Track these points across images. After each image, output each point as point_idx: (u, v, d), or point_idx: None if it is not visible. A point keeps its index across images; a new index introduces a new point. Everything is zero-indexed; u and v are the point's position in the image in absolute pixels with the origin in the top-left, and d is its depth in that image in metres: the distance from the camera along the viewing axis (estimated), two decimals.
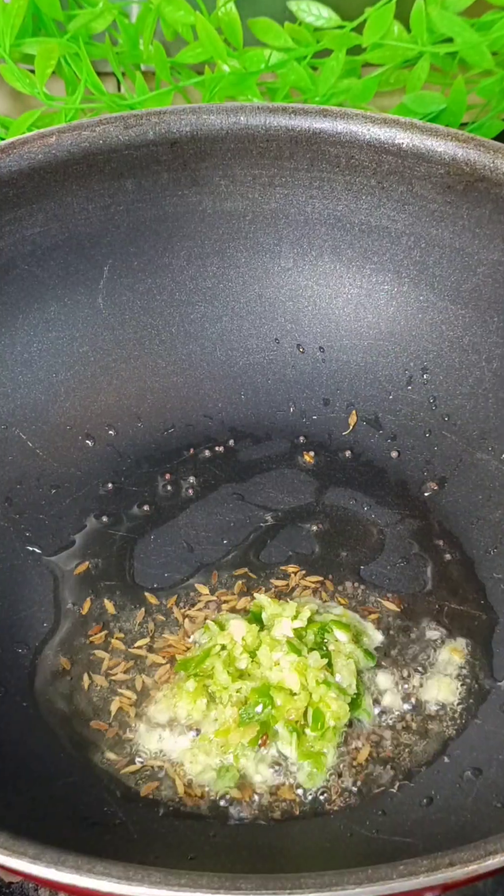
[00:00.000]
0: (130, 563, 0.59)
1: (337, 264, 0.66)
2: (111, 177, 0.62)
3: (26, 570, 0.58)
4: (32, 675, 0.54)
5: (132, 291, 0.65)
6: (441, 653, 0.55)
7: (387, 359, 0.66)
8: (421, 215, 0.63)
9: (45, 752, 0.50)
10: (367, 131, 0.61)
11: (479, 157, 0.59)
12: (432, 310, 0.64)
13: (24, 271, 0.61)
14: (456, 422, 0.63)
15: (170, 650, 0.55)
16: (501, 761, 0.50)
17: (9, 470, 0.60)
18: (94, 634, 0.56)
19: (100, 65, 0.76)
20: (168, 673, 0.54)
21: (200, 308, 0.67)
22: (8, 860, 0.35)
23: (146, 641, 0.55)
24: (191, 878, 0.35)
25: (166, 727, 0.52)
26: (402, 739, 0.52)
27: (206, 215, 0.65)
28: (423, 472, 0.63)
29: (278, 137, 0.62)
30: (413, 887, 0.35)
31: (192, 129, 0.62)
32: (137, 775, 0.50)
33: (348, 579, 0.58)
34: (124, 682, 0.54)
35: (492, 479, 0.61)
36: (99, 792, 0.49)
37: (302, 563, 0.59)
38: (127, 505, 0.62)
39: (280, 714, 0.50)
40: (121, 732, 0.52)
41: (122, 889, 0.34)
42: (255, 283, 0.67)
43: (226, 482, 0.63)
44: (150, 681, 0.53)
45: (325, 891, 0.34)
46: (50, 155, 0.59)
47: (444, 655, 0.55)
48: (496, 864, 0.35)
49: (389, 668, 0.54)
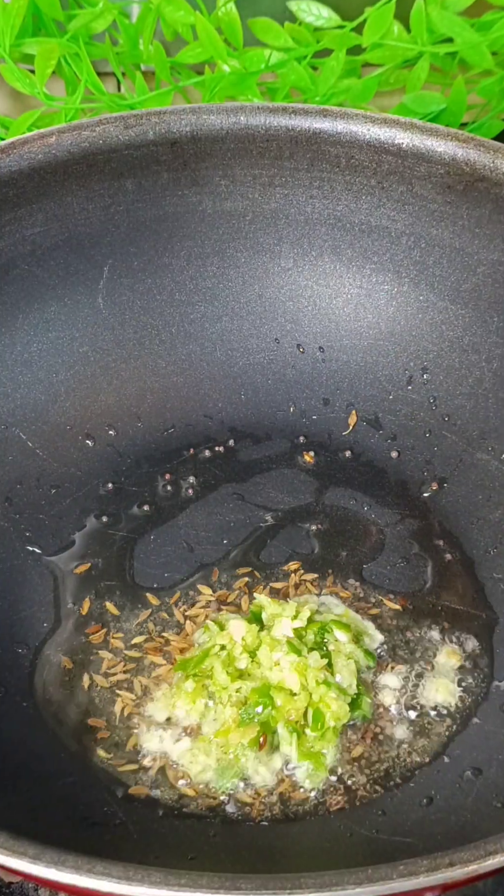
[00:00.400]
0: (130, 563, 0.59)
1: (337, 264, 0.66)
2: (111, 177, 0.62)
3: (26, 570, 0.58)
4: (32, 675, 0.54)
5: (132, 291, 0.65)
6: (441, 653, 0.55)
7: (387, 359, 0.66)
8: (421, 215, 0.63)
9: (45, 752, 0.50)
10: (367, 131, 0.61)
11: (479, 157, 0.59)
12: (432, 310, 0.64)
13: (24, 271, 0.61)
14: (456, 422, 0.63)
15: (170, 650, 0.55)
16: (501, 761, 0.50)
17: (9, 470, 0.60)
18: (94, 634, 0.56)
19: (100, 65, 0.76)
20: (168, 673, 0.54)
21: (200, 308, 0.67)
22: (8, 860, 0.35)
23: (146, 641, 0.55)
24: (191, 878, 0.35)
25: (166, 727, 0.52)
26: (402, 739, 0.52)
27: (206, 215, 0.65)
28: (423, 472, 0.63)
29: (278, 137, 0.62)
30: (413, 887, 0.35)
31: (192, 129, 0.62)
32: (137, 775, 0.50)
33: (348, 579, 0.58)
34: (124, 682, 0.54)
35: (492, 479, 0.61)
36: (99, 792, 0.49)
37: (302, 563, 0.59)
38: (127, 505, 0.62)
39: (280, 714, 0.50)
40: (121, 732, 0.52)
41: (122, 889, 0.34)
42: (255, 283, 0.67)
43: (226, 482, 0.63)
44: (149, 681, 0.53)
45: (325, 891, 0.34)
46: (50, 155, 0.59)
47: (444, 655, 0.55)
48: (496, 864, 0.35)
49: (389, 667, 0.54)
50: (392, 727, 0.52)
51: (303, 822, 0.48)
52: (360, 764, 0.50)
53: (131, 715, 0.52)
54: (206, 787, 0.49)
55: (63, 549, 0.59)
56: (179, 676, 0.53)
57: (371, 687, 0.53)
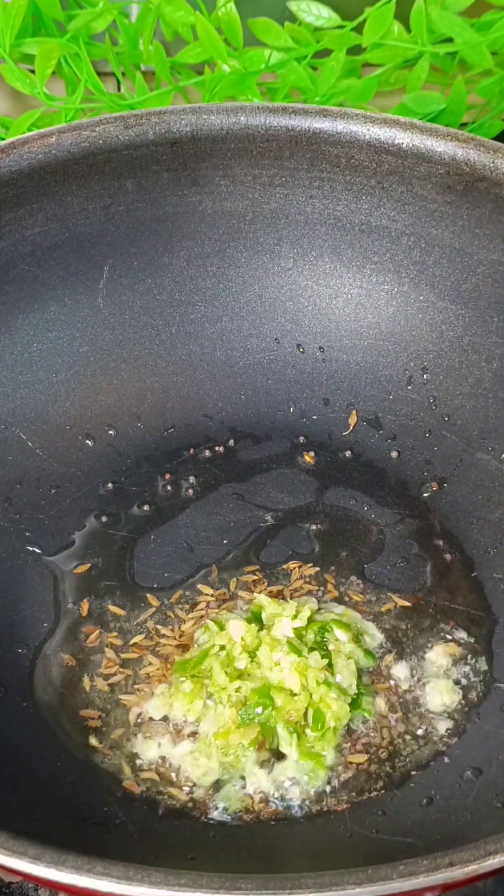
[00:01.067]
0: (130, 563, 0.59)
1: (337, 264, 0.66)
2: (111, 177, 0.62)
3: (26, 570, 0.58)
4: (32, 675, 0.54)
5: (132, 291, 0.65)
6: (441, 653, 0.55)
7: (387, 359, 0.66)
8: (421, 215, 0.63)
9: (45, 753, 0.50)
10: (367, 131, 0.61)
11: (479, 157, 0.59)
12: (432, 310, 0.64)
13: (24, 271, 0.61)
14: (456, 422, 0.63)
15: (169, 650, 0.55)
16: (501, 761, 0.50)
17: (9, 470, 0.60)
18: (94, 634, 0.56)
19: (100, 65, 0.76)
20: (167, 673, 0.54)
21: (200, 308, 0.67)
22: (8, 860, 0.35)
23: (145, 640, 0.55)
24: (191, 878, 0.35)
25: (166, 730, 0.52)
26: (402, 739, 0.52)
27: (206, 215, 0.65)
28: (423, 472, 0.63)
29: (278, 137, 0.62)
30: (413, 887, 0.35)
31: (192, 129, 0.62)
32: (137, 775, 0.50)
33: (350, 577, 0.58)
34: (124, 683, 0.54)
35: (492, 479, 0.61)
36: (99, 792, 0.49)
37: (302, 562, 0.59)
38: (127, 505, 0.62)
39: (280, 715, 0.50)
40: (121, 733, 0.52)
41: (122, 889, 0.34)
42: (255, 283, 0.67)
43: (226, 482, 0.63)
44: (149, 681, 0.53)
45: (325, 891, 0.34)
46: (50, 155, 0.59)
47: (444, 655, 0.55)
48: (496, 864, 0.35)
49: (389, 668, 0.54)
50: (392, 727, 0.52)
51: (303, 823, 0.48)
52: (359, 764, 0.50)
53: (131, 715, 0.52)
54: (207, 790, 0.49)
55: (63, 549, 0.59)
56: (177, 677, 0.53)
57: (371, 687, 0.53)
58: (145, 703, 0.52)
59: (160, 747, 0.51)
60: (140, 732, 0.52)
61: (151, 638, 0.56)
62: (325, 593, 0.58)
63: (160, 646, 0.55)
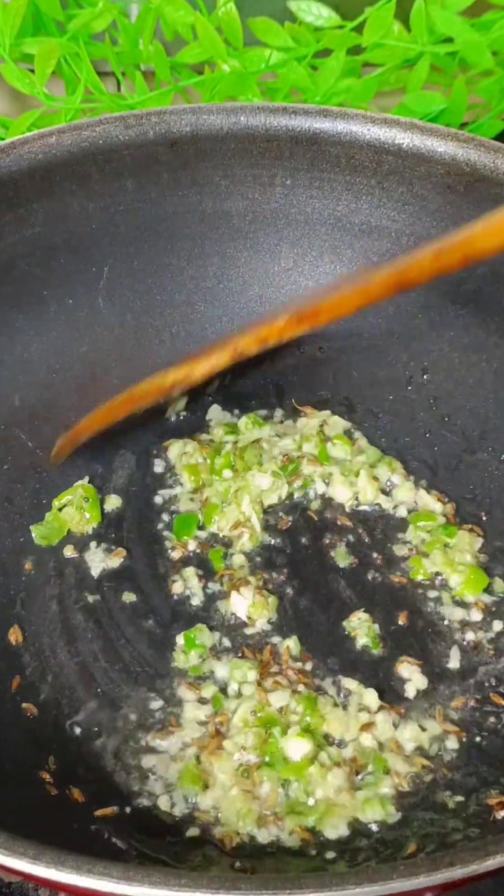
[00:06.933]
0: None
1: (337, 264, 0.66)
2: (111, 177, 0.62)
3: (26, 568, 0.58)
4: (32, 676, 0.54)
5: (132, 291, 0.65)
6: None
7: (387, 359, 0.66)
8: (421, 215, 0.63)
9: (46, 754, 0.50)
10: (367, 131, 0.61)
11: (479, 157, 0.59)
12: (432, 310, 0.64)
13: (24, 271, 0.61)
14: (456, 422, 0.63)
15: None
16: (502, 761, 0.50)
17: (9, 470, 0.60)
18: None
19: (100, 65, 0.76)
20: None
21: (200, 308, 0.67)
22: (8, 860, 0.35)
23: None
24: (191, 878, 0.35)
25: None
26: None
27: (206, 215, 0.65)
28: (424, 471, 0.63)
29: (278, 137, 0.62)
30: (413, 887, 0.35)
31: (192, 129, 0.62)
32: (138, 781, 0.50)
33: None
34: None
35: (492, 478, 0.61)
36: (99, 793, 0.49)
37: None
38: None
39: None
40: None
41: (122, 889, 0.34)
42: (255, 283, 0.67)
43: None
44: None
45: (325, 891, 0.34)
46: (50, 155, 0.59)
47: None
48: (496, 864, 0.35)
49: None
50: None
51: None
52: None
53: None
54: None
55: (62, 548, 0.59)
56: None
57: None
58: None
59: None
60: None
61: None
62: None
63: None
